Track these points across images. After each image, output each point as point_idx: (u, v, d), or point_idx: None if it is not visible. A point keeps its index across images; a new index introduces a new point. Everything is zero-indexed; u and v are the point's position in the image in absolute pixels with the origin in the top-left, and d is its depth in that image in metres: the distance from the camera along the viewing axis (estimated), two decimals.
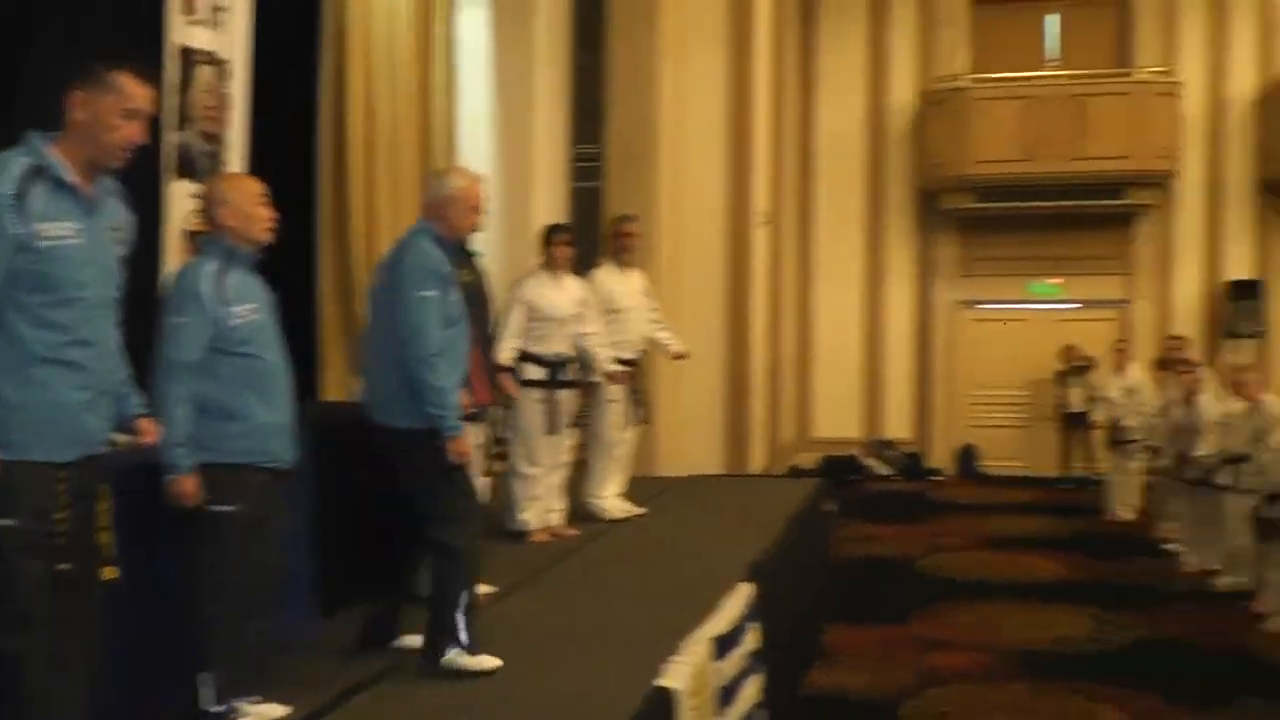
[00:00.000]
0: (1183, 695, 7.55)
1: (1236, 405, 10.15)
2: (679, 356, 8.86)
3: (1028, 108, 15.63)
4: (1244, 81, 16.12)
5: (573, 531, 7.68)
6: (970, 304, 16.88)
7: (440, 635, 4.65)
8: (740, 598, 5.81)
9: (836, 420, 16.80)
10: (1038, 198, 15.70)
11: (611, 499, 8.26)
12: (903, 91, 16.73)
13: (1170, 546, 11.61)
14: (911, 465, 16.52)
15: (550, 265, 7.59)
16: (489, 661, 4.65)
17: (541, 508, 7.56)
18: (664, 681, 4.55)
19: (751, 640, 5.80)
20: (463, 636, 4.63)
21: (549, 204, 10.22)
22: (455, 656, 4.62)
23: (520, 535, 7.42)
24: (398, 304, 4.76)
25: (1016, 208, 15.91)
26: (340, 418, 5.98)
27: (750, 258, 13.37)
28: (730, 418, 13.17)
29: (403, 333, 4.73)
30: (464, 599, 4.66)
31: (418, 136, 8.66)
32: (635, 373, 8.28)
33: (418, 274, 4.78)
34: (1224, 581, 10.25)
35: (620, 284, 8.26)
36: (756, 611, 5.92)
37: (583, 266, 8.04)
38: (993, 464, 16.58)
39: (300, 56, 7.60)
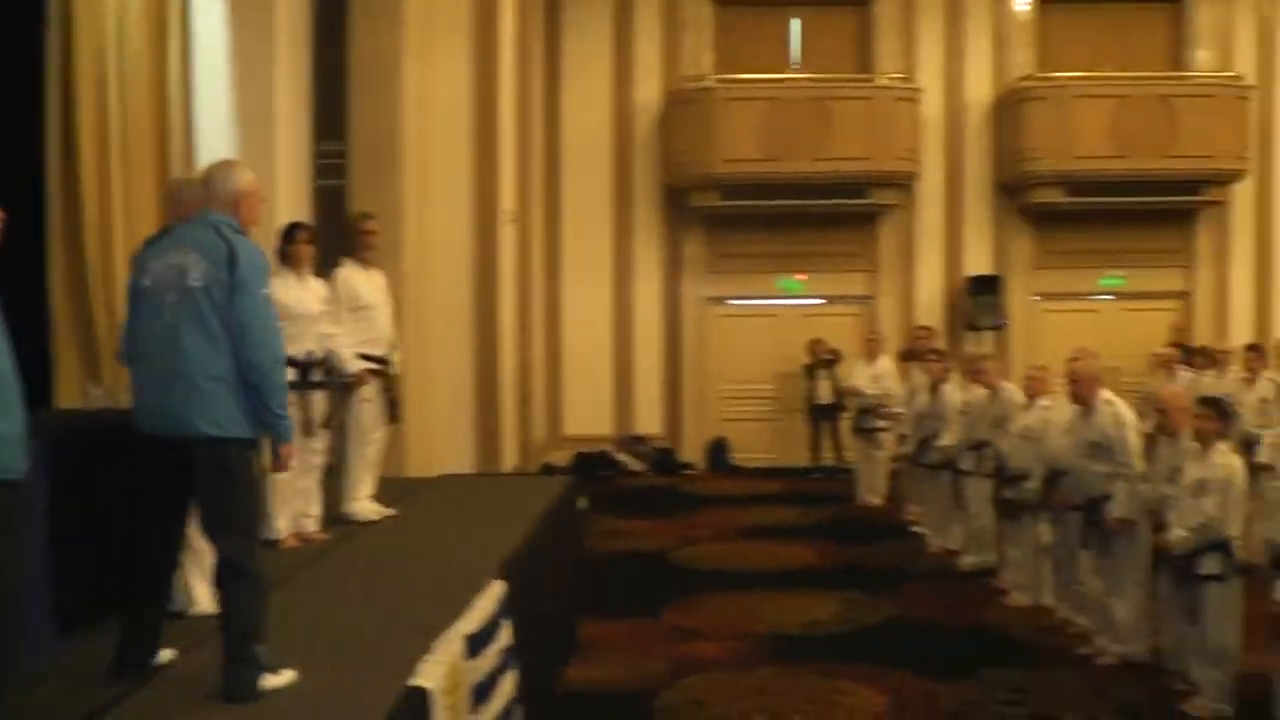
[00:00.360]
0: (930, 670, 7.76)
1: (978, 393, 10.46)
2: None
3: (772, 109, 15.89)
4: (980, 88, 16.77)
5: (324, 536, 7.34)
6: (719, 300, 17.06)
7: (246, 667, 4.30)
8: (492, 596, 5.65)
9: (588, 417, 16.75)
10: (783, 196, 15.97)
11: (364, 501, 7.95)
12: (649, 90, 16.79)
13: (916, 529, 11.94)
14: (663, 460, 16.60)
15: (291, 263, 7.26)
16: (289, 674, 4.39)
17: (293, 513, 7.20)
18: (417, 681, 4.40)
19: (505, 637, 5.66)
20: (264, 662, 4.32)
21: (292, 202, 9.74)
22: (263, 682, 4.30)
23: (271, 543, 7.01)
24: (241, 304, 4.40)
25: (762, 206, 16.15)
26: (77, 425, 5.64)
27: (498, 255, 13.18)
28: (480, 417, 12.95)
29: (252, 335, 4.40)
30: (263, 627, 4.35)
31: (153, 131, 8.17)
32: (385, 371, 7.99)
33: (259, 271, 4.48)
34: (967, 561, 10.58)
35: (364, 281, 7.95)
36: (509, 609, 5.78)
37: (325, 266, 7.73)
38: (744, 457, 16.78)
39: (22, 46, 7.07)
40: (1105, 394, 8.15)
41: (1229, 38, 16.86)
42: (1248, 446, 10.74)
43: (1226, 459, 6.95)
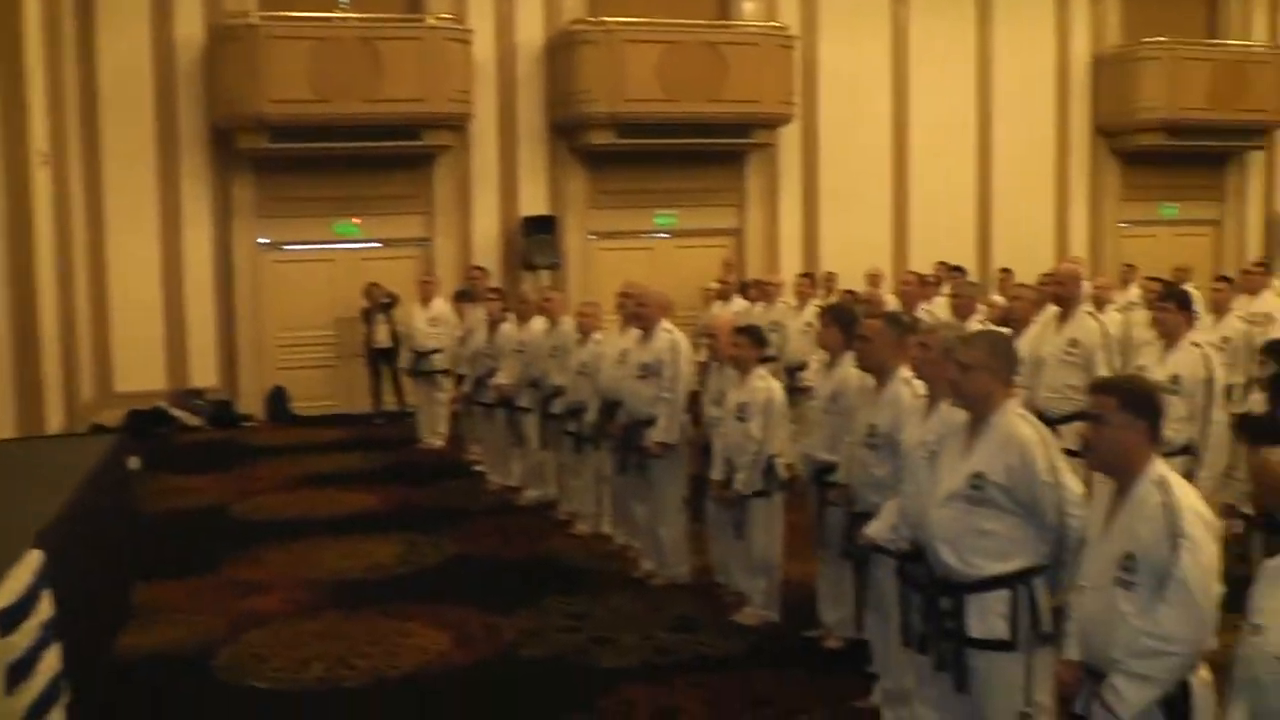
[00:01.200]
0: (491, 603, 7.91)
1: (534, 330, 10.64)
2: None
3: (320, 49, 15.41)
4: (531, 30, 16.90)
5: None
6: (274, 246, 16.50)
7: None
8: (28, 567, 5.26)
9: (141, 372, 15.84)
10: (335, 139, 15.56)
11: None
12: (191, 26, 15.91)
13: (478, 468, 12.07)
14: (221, 413, 15.97)
15: None
16: None
17: None
18: None
19: (45, 610, 5.29)
20: None
21: None
22: None
23: None
24: None
25: (314, 149, 15.68)
26: None
27: (32, 201, 12.26)
28: (20, 376, 12.06)
29: None
30: None
31: None
32: None
33: None
34: (528, 495, 10.82)
35: None
36: (47, 579, 5.40)
37: None
38: (305, 405, 16.38)
39: None
40: (667, 323, 8.50)
41: None
42: (792, 371, 11.53)
43: (765, 383, 7.40)
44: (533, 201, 16.91)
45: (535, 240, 16.48)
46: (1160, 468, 3.88)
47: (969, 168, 18.76)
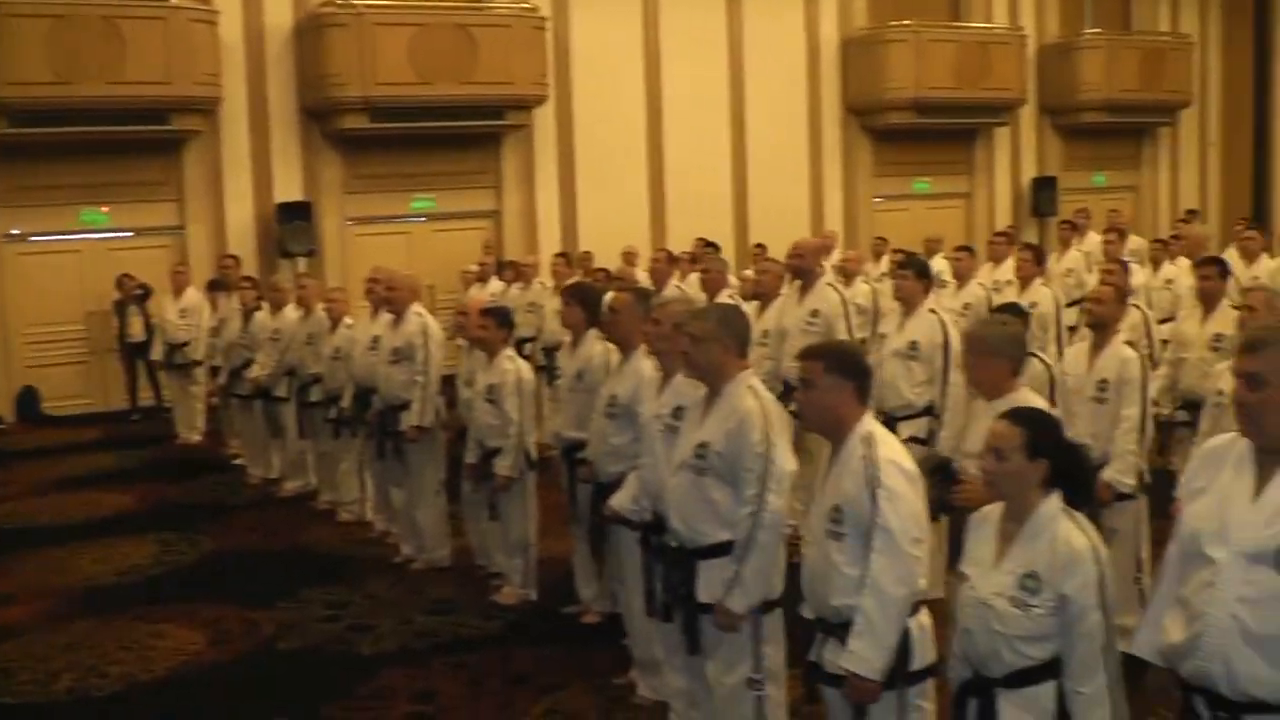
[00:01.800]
0: (251, 599, 7.81)
1: (289, 318, 10.48)
2: None
3: (59, 28, 14.73)
4: (279, 13, 16.51)
5: None
6: (20, 238, 15.78)
7: None
8: None
9: None
10: (77, 123, 14.89)
11: None
12: None
13: (237, 462, 11.84)
14: None
15: None
16: None
17: None
18: None
19: None
20: None
21: None
22: None
23: None
24: None
25: (56, 133, 14.97)
26: None
27: None
28: None
29: None
30: None
31: None
32: None
33: None
34: (288, 486, 10.67)
35: None
36: None
37: None
38: (58, 405, 15.69)
39: None
40: (418, 307, 8.48)
41: None
42: (550, 351, 11.62)
43: (514, 364, 7.46)
44: (287, 187, 16.57)
45: (291, 227, 16.16)
46: (869, 425, 4.04)
47: (723, 147, 19.12)
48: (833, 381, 4.03)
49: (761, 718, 4.57)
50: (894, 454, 3.97)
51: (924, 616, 3.98)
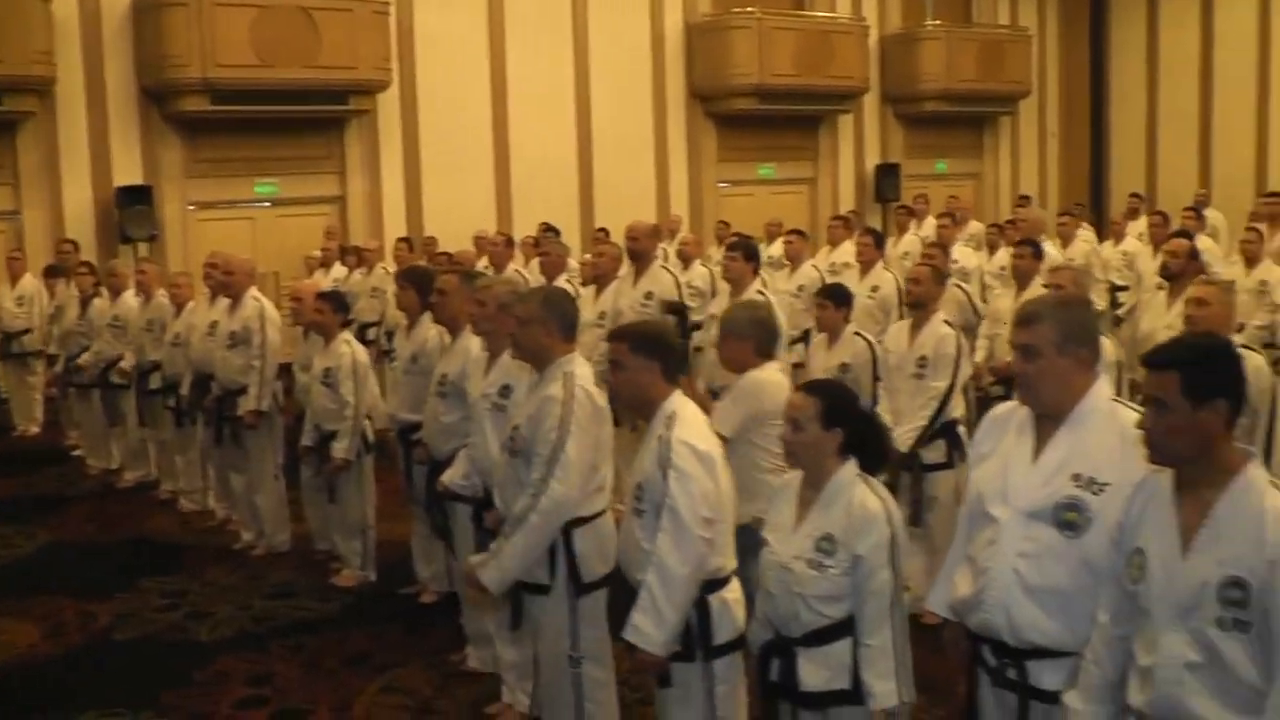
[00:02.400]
0: (88, 591, 7.71)
1: (128, 305, 10.33)
2: None
3: None
4: None
5: None
6: None
7: None
8: None
9: None
10: None
11: None
12: None
13: (77, 453, 11.62)
14: None
15: None
16: None
17: None
18: None
19: None
20: None
21: None
22: None
23: None
24: None
25: None
26: None
27: None
28: None
29: None
30: None
31: None
32: None
33: None
34: (128, 476, 10.53)
35: None
36: None
37: None
38: None
39: None
40: (255, 291, 8.45)
41: None
42: (393, 335, 11.60)
43: (350, 347, 7.50)
44: (127, 171, 16.20)
45: (131, 212, 15.80)
46: (675, 404, 4.13)
47: (569, 132, 19.14)
48: (640, 362, 4.13)
49: (581, 694, 4.68)
50: (690, 435, 4.03)
51: (730, 591, 4.10)
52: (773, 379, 5.42)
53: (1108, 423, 3.46)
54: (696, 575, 3.95)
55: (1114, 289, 12.72)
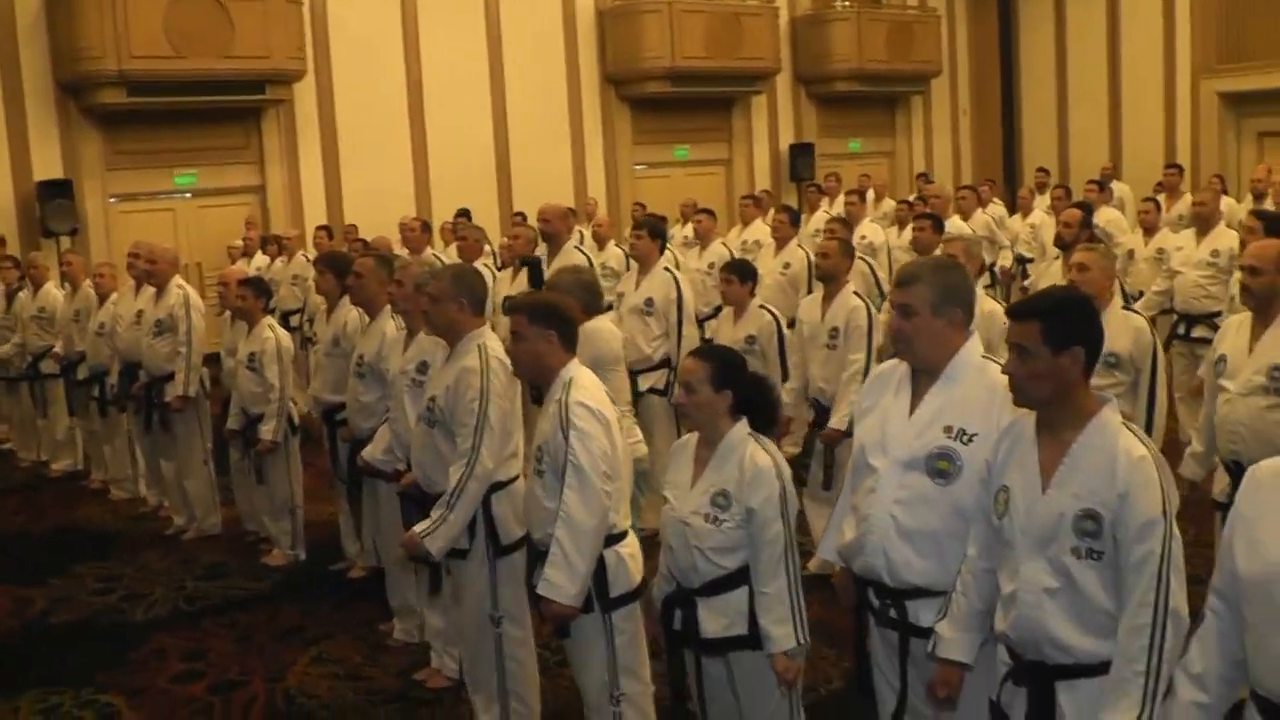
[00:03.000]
0: (22, 578, 7.88)
1: (52, 297, 10.47)
2: None
3: None
4: None
5: None
6: None
7: None
8: None
9: None
10: None
11: None
12: None
13: (5, 445, 11.70)
14: None
15: None
16: None
17: None
18: None
19: None
20: None
21: None
22: None
23: None
24: None
25: None
26: None
27: None
28: None
29: None
30: None
31: None
32: None
33: None
34: (57, 466, 10.65)
35: None
36: None
37: None
38: None
39: None
40: (179, 280, 8.62)
41: None
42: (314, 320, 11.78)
43: (273, 332, 7.70)
44: (47, 165, 16.17)
45: (52, 206, 15.78)
46: (572, 371, 4.37)
47: (485, 118, 19.25)
48: (537, 331, 4.35)
49: (501, 652, 4.94)
50: (586, 397, 4.24)
51: (625, 546, 4.35)
52: (603, 326, 6.07)
53: (978, 378, 3.75)
54: (602, 528, 4.19)
55: (1021, 260, 13.21)
